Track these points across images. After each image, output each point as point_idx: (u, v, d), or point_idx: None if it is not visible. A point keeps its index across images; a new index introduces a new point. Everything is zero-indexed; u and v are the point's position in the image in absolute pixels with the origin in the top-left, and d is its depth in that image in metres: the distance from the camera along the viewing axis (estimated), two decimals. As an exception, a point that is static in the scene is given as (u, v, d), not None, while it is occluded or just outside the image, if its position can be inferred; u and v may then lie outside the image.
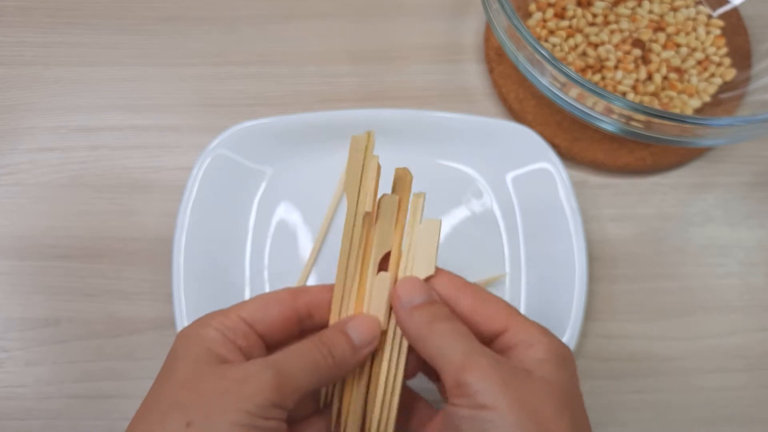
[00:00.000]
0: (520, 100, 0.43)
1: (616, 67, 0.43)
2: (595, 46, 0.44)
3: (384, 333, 0.26)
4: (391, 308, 0.26)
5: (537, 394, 0.22)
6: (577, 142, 0.42)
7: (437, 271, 0.26)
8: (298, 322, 0.26)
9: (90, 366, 0.37)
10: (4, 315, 0.38)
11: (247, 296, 0.37)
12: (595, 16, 0.45)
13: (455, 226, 0.39)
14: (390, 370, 0.26)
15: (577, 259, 0.36)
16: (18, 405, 0.36)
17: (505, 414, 0.21)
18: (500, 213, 0.40)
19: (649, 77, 0.43)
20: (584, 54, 0.44)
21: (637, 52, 0.43)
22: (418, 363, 0.28)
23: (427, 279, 0.26)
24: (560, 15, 0.45)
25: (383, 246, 0.27)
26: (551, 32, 0.45)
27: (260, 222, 0.39)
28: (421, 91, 0.44)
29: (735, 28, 0.45)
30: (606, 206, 0.42)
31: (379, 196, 0.27)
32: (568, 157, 0.42)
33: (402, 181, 0.27)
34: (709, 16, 0.46)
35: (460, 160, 0.40)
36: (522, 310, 0.37)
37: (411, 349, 0.26)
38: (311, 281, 0.38)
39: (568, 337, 0.35)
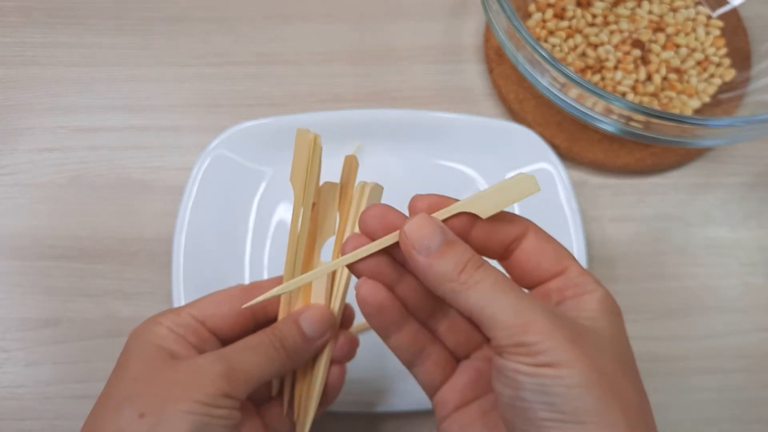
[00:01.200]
0: (520, 100, 0.43)
1: (615, 68, 0.43)
2: (595, 46, 0.44)
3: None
4: (331, 293, 0.26)
5: (600, 350, 0.21)
6: (576, 142, 0.42)
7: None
8: (252, 317, 0.27)
9: (90, 366, 0.37)
10: (4, 315, 0.38)
11: (246, 296, 0.37)
12: (594, 16, 0.45)
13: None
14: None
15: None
16: (18, 405, 0.36)
17: (573, 372, 0.20)
18: (500, 213, 0.40)
19: (649, 78, 0.43)
20: (584, 54, 0.44)
21: (637, 52, 0.43)
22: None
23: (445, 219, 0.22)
24: (560, 15, 0.45)
25: (326, 232, 0.26)
26: (551, 33, 0.45)
27: (260, 222, 0.39)
28: (420, 92, 0.44)
29: (734, 28, 0.45)
30: (606, 206, 0.42)
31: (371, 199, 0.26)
32: (567, 157, 0.42)
33: (348, 168, 0.27)
34: (709, 17, 0.46)
35: (459, 160, 0.40)
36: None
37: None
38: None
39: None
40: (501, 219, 0.23)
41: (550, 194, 0.38)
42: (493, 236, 0.23)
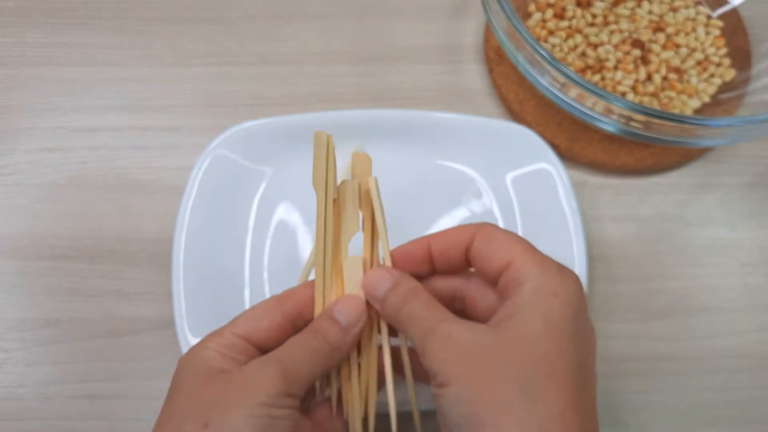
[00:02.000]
0: (520, 100, 0.43)
1: (615, 68, 0.43)
2: (595, 46, 0.44)
3: None
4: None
5: (494, 361, 0.22)
6: (576, 142, 0.42)
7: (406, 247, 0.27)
8: (291, 324, 0.27)
9: (90, 366, 0.37)
10: (4, 315, 0.38)
11: (246, 296, 0.37)
12: (594, 16, 0.45)
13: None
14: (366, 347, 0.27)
15: (577, 260, 0.36)
16: (18, 405, 0.36)
17: (451, 389, 0.22)
18: (500, 213, 0.40)
19: (649, 77, 0.43)
20: (584, 54, 0.44)
21: (637, 52, 0.43)
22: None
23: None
24: (560, 15, 0.45)
25: (350, 229, 0.27)
26: (551, 33, 0.45)
27: (260, 222, 0.39)
28: (420, 92, 0.44)
29: (734, 28, 0.45)
30: (606, 206, 0.42)
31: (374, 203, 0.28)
32: (567, 157, 0.42)
33: (360, 165, 0.28)
34: (709, 17, 0.46)
35: (459, 160, 0.40)
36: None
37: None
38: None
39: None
40: (453, 233, 0.26)
41: (550, 194, 0.38)
42: (448, 251, 0.26)
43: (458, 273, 0.28)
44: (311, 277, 0.38)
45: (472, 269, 0.27)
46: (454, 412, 0.22)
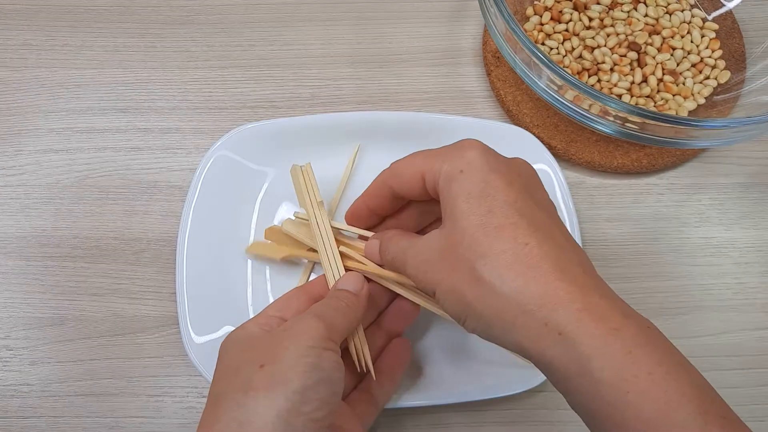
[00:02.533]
0: (518, 102, 0.44)
1: (612, 70, 0.44)
2: (592, 49, 0.44)
3: None
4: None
5: (448, 258, 0.26)
6: (573, 143, 0.43)
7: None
8: (314, 303, 0.31)
9: (94, 365, 0.37)
10: (10, 314, 0.38)
11: (249, 295, 0.38)
12: (591, 19, 0.45)
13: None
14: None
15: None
16: (23, 403, 0.36)
17: (439, 294, 0.27)
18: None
19: (645, 80, 0.44)
20: (580, 57, 0.44)
21: (633, 55, 0.44)
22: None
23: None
24: (557, 18, 0.46)
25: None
26: (548, 35, 0.45)
27: (262, 222, 0.39)
28: (420, 94, 0.45)
29: (729, 30, 0.46)
30: (602, 207, 0.42)
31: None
32: (564, 158, 0.43)
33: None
34: (704, 20, 0.46)
35: (458, 161, 0.41)
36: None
37: None
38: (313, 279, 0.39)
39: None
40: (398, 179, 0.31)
41: (547, 195, 0.38)
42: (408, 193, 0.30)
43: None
44: (312, 276, 0.38)
45: None
46: (450, 308, 0.26)
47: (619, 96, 0.43)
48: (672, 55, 0.44)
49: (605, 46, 0.44)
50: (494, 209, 0.25)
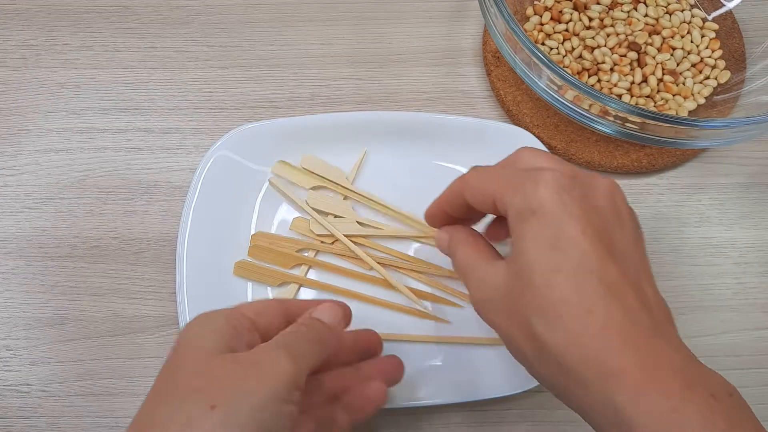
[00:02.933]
0: (518, 102, 0.44)
1: (612, 70, 0.44)
2: (592, 49, 0.44)
3: None
4: None
5: (511, 302, 0.25)
6: (573, 143, 0.43)
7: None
8: (288, 323, 0.28)
9: (95, 365, 0.37)
10: (10, 314, 0.38)
11: (249, 295, 0.38)
12: (591, 19, 0.45)
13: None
14: None
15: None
16: (23, 403, 0.36)
17: (498, 330, 0.26)
18: (498, 213, 0.40)
19: (645, 80, 0.44)
20: (580, 57, 0.44)
21: (633, 55, 0.44)
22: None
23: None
24: (557, 18, 0.46)
25: None
26: (548, 35, 0.45)
27: (262, 222, 0.39)
28: (420, 94, 0.45)
29: (729, 30, 0.46)
30: (602, 207, 0.42)
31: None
32: (564, 158, 0.43)
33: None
34: (704, 20, 0.46)
35: (458, 161, 0.41)
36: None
37: None
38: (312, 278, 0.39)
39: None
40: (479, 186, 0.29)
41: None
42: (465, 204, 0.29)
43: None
44: (310, 275, 0.38)
45: None
46: (510, 352, 0.26)
47: (619, 96, 0.43)
48: (672, 55, 0.44)
49: (605, 46, 0.44)
50: (562, 267, 0.23)
